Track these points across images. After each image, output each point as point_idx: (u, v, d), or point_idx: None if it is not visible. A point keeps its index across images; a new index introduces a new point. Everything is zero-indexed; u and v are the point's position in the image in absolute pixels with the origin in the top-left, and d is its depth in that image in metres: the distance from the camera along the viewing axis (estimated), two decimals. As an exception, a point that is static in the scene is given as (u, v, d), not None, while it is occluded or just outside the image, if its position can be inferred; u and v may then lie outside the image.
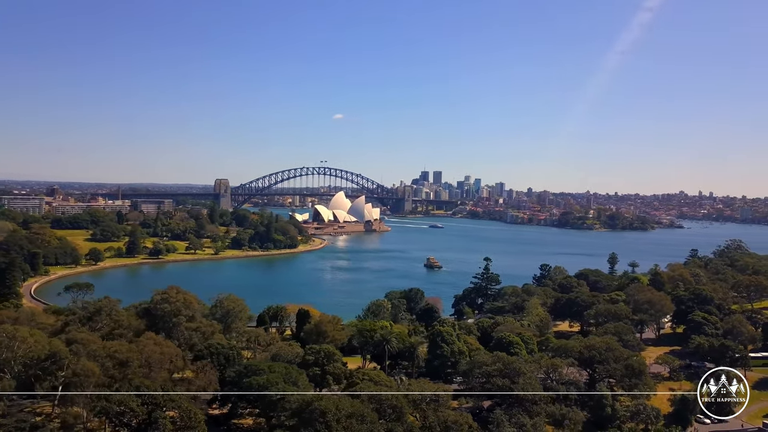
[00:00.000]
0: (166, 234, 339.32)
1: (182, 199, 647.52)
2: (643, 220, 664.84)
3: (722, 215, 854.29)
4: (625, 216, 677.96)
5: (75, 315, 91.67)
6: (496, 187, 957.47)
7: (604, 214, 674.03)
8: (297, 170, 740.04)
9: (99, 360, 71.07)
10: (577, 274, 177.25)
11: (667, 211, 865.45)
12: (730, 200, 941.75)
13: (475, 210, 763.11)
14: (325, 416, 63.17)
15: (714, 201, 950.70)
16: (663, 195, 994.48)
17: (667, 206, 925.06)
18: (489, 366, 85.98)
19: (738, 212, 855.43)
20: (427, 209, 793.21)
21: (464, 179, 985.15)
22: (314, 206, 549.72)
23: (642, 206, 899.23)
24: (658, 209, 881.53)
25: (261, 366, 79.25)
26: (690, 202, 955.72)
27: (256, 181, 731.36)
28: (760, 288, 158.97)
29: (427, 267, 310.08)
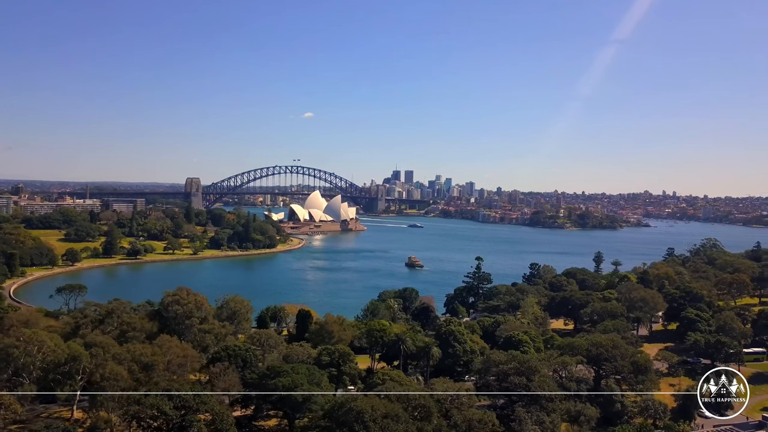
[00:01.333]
0: (143, 234, 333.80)
1: (152, 198, 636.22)
2: (612, 219, 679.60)
3: (686, 214, 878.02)
4: (594, 215, 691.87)
5: (87, 318, 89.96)
6: (466, 186, 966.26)
7: (575, 213, 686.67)
8: (269, 169, 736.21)
9: (124, 363, 70.02)
10: (566, 273, 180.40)
11: (634, 210, 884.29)
12: (693, 199, 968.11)
13: (447, 209, 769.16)
14: (362, 416, 63.44)
15: (678, 200, 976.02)
16: (629, 194, 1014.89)
17: (633, 205, 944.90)
18: (505, 364, 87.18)
19: (701, 211, 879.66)
20: (400, 208, 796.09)
21: (435, 179, 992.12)
22: (290, 206, 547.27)
23: (609, 205, 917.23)
24: (625, 208, 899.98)
25: (284, 367, 79.06)
26: (655, 202, 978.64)
27: (228, 179, 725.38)
28: (742, 285, 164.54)
29: (409, 266, 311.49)
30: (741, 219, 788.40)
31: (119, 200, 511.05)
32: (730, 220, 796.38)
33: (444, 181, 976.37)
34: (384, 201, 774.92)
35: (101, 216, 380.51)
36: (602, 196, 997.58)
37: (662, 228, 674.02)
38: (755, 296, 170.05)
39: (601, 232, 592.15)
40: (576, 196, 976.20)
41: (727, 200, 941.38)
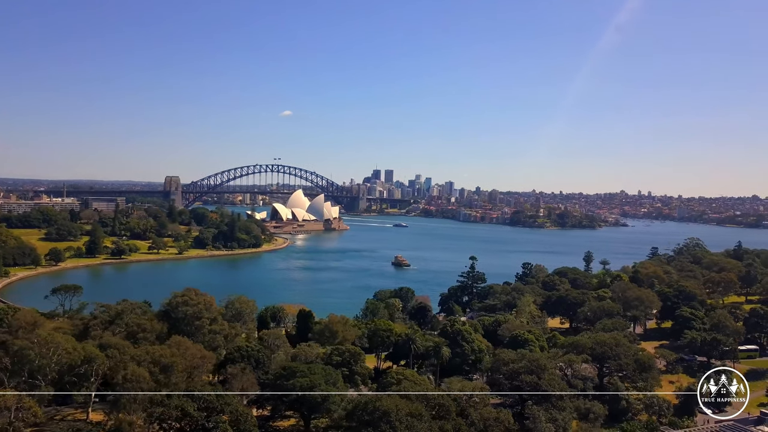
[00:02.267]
0: (125, 233, 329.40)
1: (131, 197, 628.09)
2: (591, 219, 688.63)
3: (661, 214, 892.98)
4: (573, 215, 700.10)
5: (96, 319, 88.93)
6: (445, 186, 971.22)
7: (554, 213, 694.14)
8: (250, 167, 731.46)
9: (144, 365, 69.56)
10: (557, 272, 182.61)
11: (611, 210, 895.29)
12: (668, 199, 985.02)
13: (428, 208, 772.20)
14: (388, 416, 63.94)
15: (653, 200, 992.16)
16: (605, 194, 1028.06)
17: (610, 205, 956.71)
18: (515, 363, 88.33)
19: (675, 211, 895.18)
20: (381, 207, 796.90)
21: (415, 178, 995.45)
22: (272, 205, 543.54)
23: (586, 205, 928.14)
24: (602, 208, 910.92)
25: (300, 367, 79.16)
26: (631, 201, 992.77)
27: (208, 178, 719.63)
28: (729, 284, 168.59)
29: (395, 265, 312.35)
30: (714, 219, 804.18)
31: (99, 199, 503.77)
32: (704, 219, 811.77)
33: (424, 181, 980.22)
34: (365, 200, 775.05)
35: (82, 215, 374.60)
36: (579, 196, 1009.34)
37: (639, 227, 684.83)
38: (741, 294, 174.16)
39: (581, 232, 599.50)
40: (554, 196, 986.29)
41: (701, 200, 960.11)
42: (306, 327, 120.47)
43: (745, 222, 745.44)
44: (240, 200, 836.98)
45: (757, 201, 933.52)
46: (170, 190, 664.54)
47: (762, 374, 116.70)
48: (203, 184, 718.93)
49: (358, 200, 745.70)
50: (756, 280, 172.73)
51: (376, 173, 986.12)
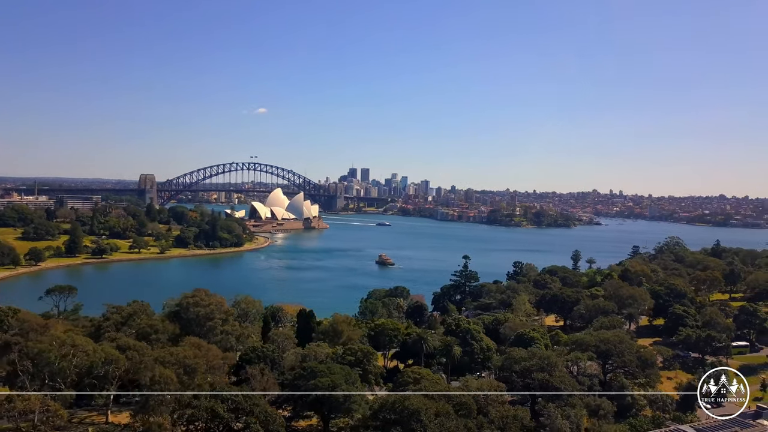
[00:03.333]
0: (105, 232, 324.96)
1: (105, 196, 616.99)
2: (566, 218, 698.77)
3: (633, 213, 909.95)
4: (549, 213, 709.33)
5: (109, 321, 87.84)
6: (421, 184, 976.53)
7: (530, 212, 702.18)
8: (226, 165, 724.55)
9: (168, 366, 69.18)
10: (547, 271, 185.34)
11: (584, 209, 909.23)
12: (639, 198, 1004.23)
13: (406, 207, 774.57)
14: (418, 415, 64.68)
15: (625, 199, 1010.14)
16: (578, 193, 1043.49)
17: (583, 204, 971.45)
18: (526, 361, 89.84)
19: (647, 210, 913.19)
20: (359, 206, 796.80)
21: (391, 177, 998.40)
22: (251, 203, 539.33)
23: (560, 204, 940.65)
24: (575, 206, 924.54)
25: (320, 367, 79.31)
26: (603, 200, 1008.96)
27: (183, 176, 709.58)
28: (714, 282, 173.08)
29: (380, 264, 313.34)
30: (684, 217, 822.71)
31: (74, 197, 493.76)
32: (674, 218, 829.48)
33: (400, 180, 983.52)
34: (343, 199, 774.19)
35: (58, 214, 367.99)
36: (553, 195, 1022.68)
37: (613, 226, 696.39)
38: (725, 292, 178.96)
39: (557, 230, 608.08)
40: (528, 195, 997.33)
41: (670, 199, 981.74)
42: (308, 327, 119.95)
43: (714, 221, 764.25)
44: (215, 198, 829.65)
45: (723, 200, 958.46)
46: (145, 188, 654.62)
47: (754, 369, 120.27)
48: (179, 183, 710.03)
49: (335, 199, 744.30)
50: (739, 278, 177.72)
51: (352, 172, 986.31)
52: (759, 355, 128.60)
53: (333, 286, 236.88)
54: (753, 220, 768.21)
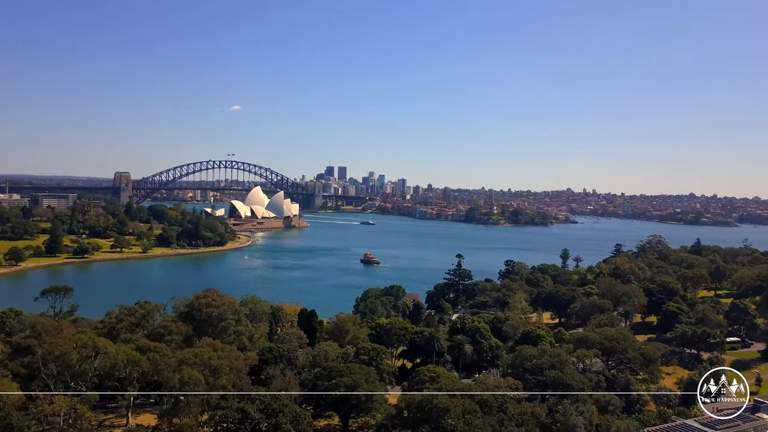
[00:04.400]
0: (84, 231, 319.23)
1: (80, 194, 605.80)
2: (543, 216, 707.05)
3: (607, 211, 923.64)
4: (526, 212, 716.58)
5: (122, 322, 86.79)
6: (398, 183, 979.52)
7: (507, 210, 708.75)
8: (203, 163, 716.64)
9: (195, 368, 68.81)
10: (538, 269, 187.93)
11: (558, 207, 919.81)
12: (612, 197, 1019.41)
13: (384, 206, 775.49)
14: (448, 413, 65.58)
15: (598, 198, 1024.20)
16: (553, 192, 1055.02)
17: (558, 202, 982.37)
18: (538, 358, 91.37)
19: (620, 208, 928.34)
20: (337, 205, 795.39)
21: (369, 175, 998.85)
22: (231, 202, 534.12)
23: (535, 202, 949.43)
24: (550, 205, 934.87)
25: (339, 367, 79.72)
26: (577, 199, 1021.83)
27: (159, 174, 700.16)
28: (700, 279, 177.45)
29: (365, 263, 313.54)
30: (657, 216, 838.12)
31: (49, 195, 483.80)
32: (647, 216, 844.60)
33: (377, 178, 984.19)
34: (321, 197, 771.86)
35: (34, 212, 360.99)
36: (528, 194, 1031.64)
37: (588, 224, 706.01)
38: (711, 289, 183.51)
39: (534, 229, 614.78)
40: (503, 193, 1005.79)
41: (642, 198, 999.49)
42: (311, 326, 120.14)
43: (685, 219, 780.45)
44: (191, 197, 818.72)
45: (693, 199, 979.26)
46: (120, 187, 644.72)
47: (746, 365, 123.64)
48: (154, 181, 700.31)
49: (313, 197, 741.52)
50: (724, 276, 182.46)
51: (329, 170, 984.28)
52: (750, 350, 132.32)
53: (323, 286, 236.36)
54: (722, 219, 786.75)
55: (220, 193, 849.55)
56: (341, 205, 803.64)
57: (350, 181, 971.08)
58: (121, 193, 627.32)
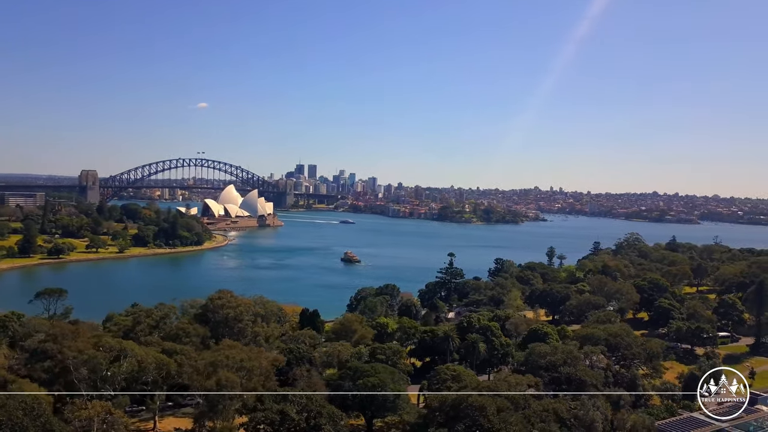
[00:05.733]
0: (57, 231, 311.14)
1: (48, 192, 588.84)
2: (514, 214, 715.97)
3: (574, 209, 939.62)
4: (497, 210, 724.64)
5: (140, 324, 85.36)
6: (369, 181, 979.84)
7: (479, 209, 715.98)
8: (172, 162, 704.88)
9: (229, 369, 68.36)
10: (527, 267, 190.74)
11: (527, 205, 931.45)
12: (579, 195, 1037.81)
13: (357, 204, 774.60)
14: (484, 411, 66.57)
15: (565, 196, 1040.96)
16: (520, 190, 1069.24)
17: (526, 200, 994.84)
18: (551, 355, 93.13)
19: (587, 206, 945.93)
20: (309, 203, 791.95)
21: (339, 173, 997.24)
22: (204, 200, 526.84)
23: (503, 201, 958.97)
24: (518, 203, 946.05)
25: (364, 367, 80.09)
26: (545, 197, 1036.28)
27: (128, 172, 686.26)
28: (683, 276, 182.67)
29: (345, 261, 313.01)
30: (623, 213, 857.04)
31: (15, 194, 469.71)
32: (613, 214, 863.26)
33: (348, 176, 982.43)
34: (292, 196, 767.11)
35: (2, 211, 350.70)
36: (496, 192, 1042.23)
37: (557, 222, 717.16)
38: (693, 286, 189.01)
39: (506, 226, 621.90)
40: (472, 192, 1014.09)
41: (608, 196, 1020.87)
42: (313, 326, 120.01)
43: (650, 217, 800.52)
44: (158, 195, 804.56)
45: (657, 197, 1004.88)
46: (87, 185, 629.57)
47: (737, 358, 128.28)
48: (122, 179, 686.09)
49: (285, 196, 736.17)
50: (705, 272, 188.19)
51: (299, 168, 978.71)
52: (739, 344, 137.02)
53: (307, 285, 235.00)
54: (685, 216, 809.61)
55: (189, 192, 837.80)
56: (313, 203, 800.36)
57: (321, 179, 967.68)
58: (88, 192, 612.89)
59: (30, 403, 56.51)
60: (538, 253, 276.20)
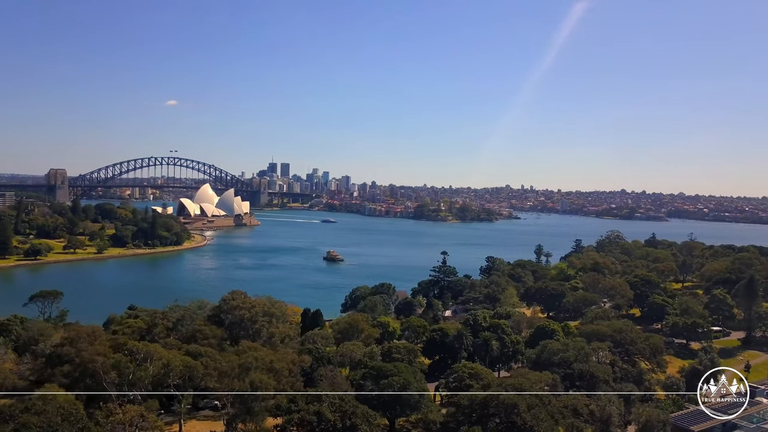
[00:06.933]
0: (32, 231, 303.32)
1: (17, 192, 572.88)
2: (488, 212, 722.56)
3: (546, 207, 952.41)
4: (472, 208, 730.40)
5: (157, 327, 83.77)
6: (342, 180, 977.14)
7: (454, 207, 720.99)
8: (144, 160, 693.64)
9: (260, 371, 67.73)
10: (518, 264, 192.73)
11: (499, 203, 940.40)
12: (550, 193, 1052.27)
13: (332, 203, 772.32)
14: (517, 408, 67.24)
15: (537, 194, 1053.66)
16: (492, 188, 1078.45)
17: (498, 199, 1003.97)
18: (564, 352, 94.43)
19: (558, 204, 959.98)
20: (283, 202, 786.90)
21: (312, 172, 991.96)
22: (180, 199, 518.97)
23: (476, 199, 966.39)
24: (491, 201, 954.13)
25: (387, 367, 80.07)
26: (517, 195, 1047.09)
27: (98, 171, 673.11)
28: (669, 272, 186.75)
29: (328, 260, 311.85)
30: (593, 211, 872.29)
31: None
32: (584, 212, 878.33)
33: (322, 175, 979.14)
34: (267, 194, 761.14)
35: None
36: (468, 190, 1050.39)
37: (531, 220, 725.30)
38: (678, 282, 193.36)
39: (482, 225, 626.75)
40: (445, 190, 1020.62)
41: (578, 194, 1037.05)
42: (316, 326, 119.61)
43: (620, 214, 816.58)
44: (128, 194, 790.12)
45: (625, 195, 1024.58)
46: (55, 184, 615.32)
47: (731, 352, 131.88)
48: (92, 178, 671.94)
49: (259, 194, 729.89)
50: (690, 269, 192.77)
51: (272, 167, 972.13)
52: (730, 339, 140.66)
53: (294, 285, 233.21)
54: (654, 213, 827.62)
55: (160, 191, 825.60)
56: (287, 202, 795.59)
57: (294, 177, 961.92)
58: (57, 191, 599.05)
59: (68, 409, 55.21)
60: (520, 251, 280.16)
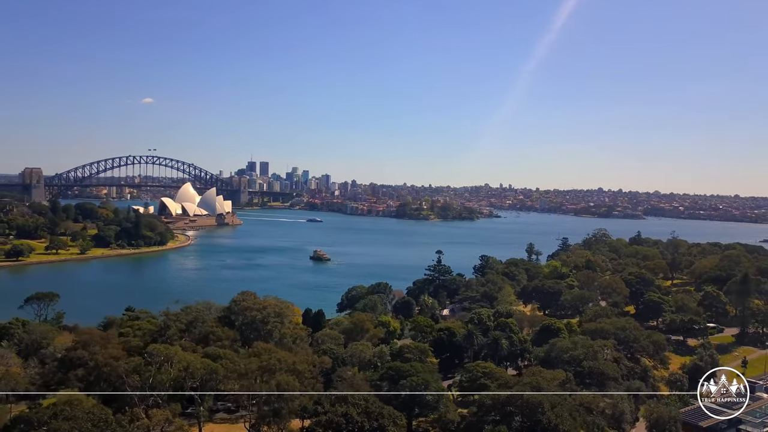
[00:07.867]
0: (11, 232, 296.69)
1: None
2: (469, 211, 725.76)
3: (525, 205, 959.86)
4: (453, 207, 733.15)
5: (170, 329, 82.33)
6: (322, 178, 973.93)
7: (436, 206, 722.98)
8: (122, 159, 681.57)
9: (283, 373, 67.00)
10: (511, 263, 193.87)
11: (478, 202, 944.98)
12: (528, 192, 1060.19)
13: (313, 202, 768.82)
14: (542, 406, 67.57)
15: (515, 192, 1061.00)
16: (472, 187, 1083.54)
17: (477, 197, 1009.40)
18: (573, 350, 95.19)
19: (537, 203, 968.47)
20: (263, 201, 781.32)
21: (292, 171, 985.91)
22: (161, 199, 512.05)
23: (455, 197, 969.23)
24: (470, 200, 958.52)
25: (404, 367, 79.95)
26: (496, 194, 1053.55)
27: (75, 170, 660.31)
28: (659, 270, 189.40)
29: (315, 260, 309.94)
30: (572, 210, 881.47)
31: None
32: (562, 210, 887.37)
33: (301, 174, 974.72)
34: (247, 193, 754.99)
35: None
36: (448, 189, 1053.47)
37: (511, 218, 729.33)
38: (668, 279, 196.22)
39: (463, 223, 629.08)
40: (425, 189, 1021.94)
41: (556, 192, 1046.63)
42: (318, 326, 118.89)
43: (599, 213, 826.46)
44: (105, 193, 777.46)
45: (602, 193, 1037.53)
46: (31, 183, 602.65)
47: (726, 348, 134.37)
48: (69, 177, 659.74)
49: (239, 193, 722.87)
50: (679, 266, 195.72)
51: (251, 165, 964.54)
52: (725, 335, 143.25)
53: (285, 285, 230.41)
54: (631, 212, 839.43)
55: (137, 190, 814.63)
56: (267, 201, 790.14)
57: (273, 176, 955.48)
58: (33, 191, 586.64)
59: (98, 414, 54.06)
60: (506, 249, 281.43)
